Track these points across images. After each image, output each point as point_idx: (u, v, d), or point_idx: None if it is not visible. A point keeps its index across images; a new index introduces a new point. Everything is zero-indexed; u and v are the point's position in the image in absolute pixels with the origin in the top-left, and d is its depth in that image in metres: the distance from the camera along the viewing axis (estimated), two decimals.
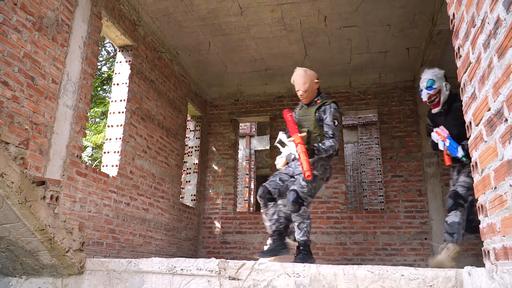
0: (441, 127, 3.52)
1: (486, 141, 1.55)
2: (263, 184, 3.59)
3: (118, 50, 5.80)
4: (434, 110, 3.61)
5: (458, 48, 1.88)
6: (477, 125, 1.65)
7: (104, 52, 12.71)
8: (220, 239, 7.57)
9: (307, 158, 3.23)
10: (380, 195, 11.59)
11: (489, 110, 1.49)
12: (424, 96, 3.63)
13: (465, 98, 1.81)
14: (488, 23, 1.47)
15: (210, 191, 7.96)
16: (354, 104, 7.76)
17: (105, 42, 12.24)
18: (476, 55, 1.62)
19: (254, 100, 8.24)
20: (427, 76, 3.62)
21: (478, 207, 1.67)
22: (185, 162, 7.60)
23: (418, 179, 7.08)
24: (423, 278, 1.89)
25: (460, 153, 3.33)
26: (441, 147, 3.51)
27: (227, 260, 2.13)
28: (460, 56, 1.85)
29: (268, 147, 10.78)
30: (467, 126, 1.79)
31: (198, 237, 7.66)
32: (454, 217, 3.31)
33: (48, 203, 2.08)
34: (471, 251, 6.46)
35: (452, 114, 3.52)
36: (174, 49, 6.83)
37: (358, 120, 12.70)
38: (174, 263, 2.18)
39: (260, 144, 13.27)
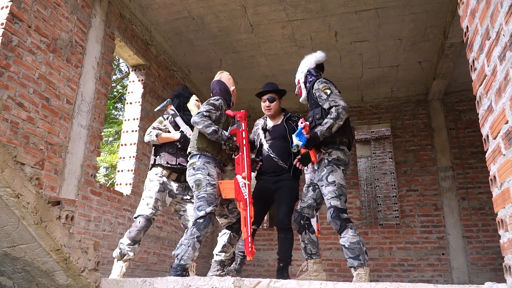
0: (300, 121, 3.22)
1: (504, 155, 1.51)
2: None
3: (131, 69, 5.88)
4: (300, 100, 3.43)
5: (473, 61, 1.86)
6: (494, 138, 1.62)
7: (117, 71, 12.90)
8: None
9: None
10: (395, 210, 11.43)
11: (506, 123, 1.46)
12: (296, 88, 3.49)
13: (481, 111, 1.78)
14: (504, 35, 1.45)
15: None
16: (367, 118, 7.72)
17: (119, 62, 12.44)
18: (492, 67, 1.60)
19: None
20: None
21: (498, 221, 1.62)
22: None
23: (434, 193, 6.98)
24: None
25: (295, 142, 3.04)
26: (295, 141, 3.12)
27: (242, 278, 2.10)
28: (475, 69, 1.83)
29: None
30: (484, 139, 1.76)
31: (212, 255, 7.60)
32: (348, 237, 2.85)
33: (64, 223, 2.09)
34: (490, 266, 6.31)
35: (309, 98, 3.33)
36: (186, 67, 6.91)
37: (371, 135, 12.61)
38: (189, 282, 2.16)
39: None
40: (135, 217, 3.44)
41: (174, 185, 3.58)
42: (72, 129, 4.07)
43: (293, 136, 3.08)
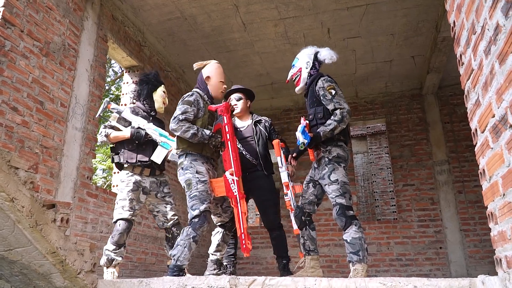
0: (301, 119, 3.19)
1: (492, 148, 1.53)
2: None
3: (124, 71, 5.88)
4: (296, 89, 3.38)
5: (460, 56, 1.88)
6: (482, 132, 1.64)
7: (111, 72, 12.88)
8: None
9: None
10: (392, 205, 11.48)
11: (493, 116, 1.48)
12: (289, 74, 3.44)
13: (469, 105, 1.80)
14: (488, 29, 1.47)
15: None
16: (362, 114, 7.75)
17: (112, 63, 12.42)
18: (478, 62, 1.62)
19: (261, 114, 8.20)
20: (297, 55, 3.46)
21: (488, 214, 1.65)
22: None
23: (430, 187, 7.01)
24: None
25: (300, 140, 2.99)
26: (300, 139, 3.07)
27: (237, 277, 2.12)
28: (463, 63, 1.85)
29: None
30: (473, 133, 1.78)
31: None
32: (352, 233, 2.88)
33: (59, 226, 2.10)
34: (488, 258, 6.35)
35: (309, 94, 3.29)
36: (179, 67, 6.91)
37: (366, 130, 12.65)
38: (185, 281, 2.18)
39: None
40: (114, 222, 3.39)
41: (147, 181, 3.49)
42: (67, 132, 4.07)
43: (298, 133, 3.04)
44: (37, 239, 1.96)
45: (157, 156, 3.39)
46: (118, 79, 12.43)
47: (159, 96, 3.68)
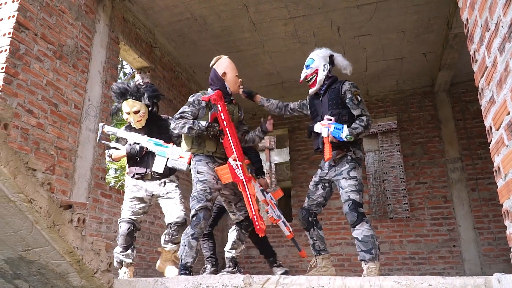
0: (325, 117, 3.17)
1: (507, 146, 1.52)
2: None
3: (136, 72, 5.93)
4: (310, 91, 3.37)
5: (474, 53, 1.87)
6: (497, 130, 1.63)
7: (121, 74, 12.98)
8: (244, 254, 7.54)
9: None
10: (404, 203, 11.40)
11: (508, 114, 1.47)
12: (302, 75, 3.43)
13: (483, 102, 1.79)
14: (502, 26, 1.46)
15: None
16: (373, 112, 7.71)
17: (123, 64, 12.52)
18: (492, 59, 1.61)
19: (272, 113, 8.24)
20: (310, 55, 3.45)
21: (504, 212, 1.64)
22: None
23: (443, 185, 6.95)
24: (451, 287, 1.86)
25: (345, 132, 2.99)
26: (324, 133, 3.08)
27: (252, 276, 2.13)
28: (476, 61, 1.84)
29: (288, 159, 10.77)
30: (488, 131, 1.77)
31: (222, 253, 7.64)
32: (363, 230, 2.89)
33: (76, 226, 2.14)
34: (502, 256, 6.28)
35: (329, 95, 3.28)
36: (190, 68, 6.95)
37: (377, 128, 12.58)
38: (200, 280, 2.20)
39: (280, 157, 13.26)
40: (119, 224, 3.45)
41: (149, 184, 3.49)
42: (80, 133, 4.12)
43: (343, 128, 3.02)
44: (55, 239, 2.00)
45: (158, 166, 3.41)
46: (131, 80, 12.53)
47: (125, 114, 3.52)
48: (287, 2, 5.32)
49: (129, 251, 3.40)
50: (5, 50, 3.33)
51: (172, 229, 3.45)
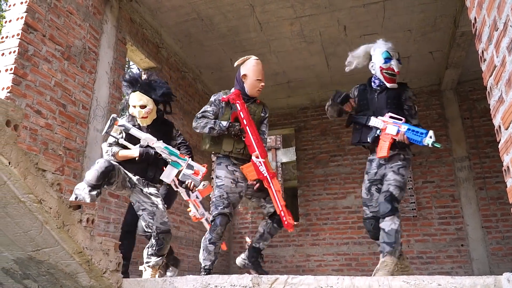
0: (388, 114, 3.15)
1: None
2: None
3: (143, 72, 5.95)
4: (390, 85, 3.34)
5: (482, 52, 1.86)
6: (506, 129, 1.63)
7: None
8: None
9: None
10: (411, 202, 11.33)
11: None
12: (396, 67, 3.33)
13: (492, 101, 1.78)
14: (511, 26, 1.45)
15: (239, 206, 7.99)
16: None
17: (129, 64, 12.57)
18: (501, 58, 1.60)
19: (278, 113, 8.27)
20: (393, 47, 3.45)
21: None
22: (212, 178, 7.67)
23: (450, 184, 6.92)
24: (460, 286, 1.85)
25: (432, 139, 2.95)
26: (392, 131, 3.03)
27: (260, 276, 2.14)
28: (485, 60, 1.83)
29: (294, 159, 10.76)
30: (496, 130, 1.76)
31: (229, 253, 7.67)
32: (392, 223, 2.86)
33: (85, 226, 2.15)
34: (511, 256, 6.24)
35: (388, 94, 3.29)
36: (196, 68, 6.96)
37: None
38: (208, 280, 2.21)
39: (286, 156, 13.24)
40: None
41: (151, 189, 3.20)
42: (88, 134, 4.15)
43: (429, 134, 3.04)
44: (64, 240, 2.01)
45: (167, 176, 3.05)
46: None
47: (131, 107, 3.21)
48: (293, 1, 5.32)
49: (94, 192, 2.81)
50: (14, 51, 3.36)
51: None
